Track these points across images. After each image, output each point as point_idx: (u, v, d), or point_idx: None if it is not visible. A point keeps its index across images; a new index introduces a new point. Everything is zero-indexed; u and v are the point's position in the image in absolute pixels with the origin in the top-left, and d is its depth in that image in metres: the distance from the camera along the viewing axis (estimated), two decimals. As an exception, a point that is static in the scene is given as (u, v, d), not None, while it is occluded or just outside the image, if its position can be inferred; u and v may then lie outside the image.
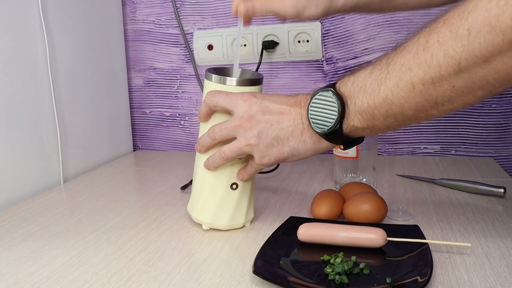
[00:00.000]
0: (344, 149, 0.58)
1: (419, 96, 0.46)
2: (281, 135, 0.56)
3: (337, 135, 0.54)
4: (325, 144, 0.56)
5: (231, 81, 0.61)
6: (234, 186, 0.62)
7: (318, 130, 0.54)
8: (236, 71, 0.65)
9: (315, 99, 0.54)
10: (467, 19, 0.41)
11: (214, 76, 0.61)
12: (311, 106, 0.54)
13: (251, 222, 0.66)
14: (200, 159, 0.63)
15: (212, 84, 0.61)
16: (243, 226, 0.65)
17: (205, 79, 0.63)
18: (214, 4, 1.11)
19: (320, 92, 0.54)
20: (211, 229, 0.64)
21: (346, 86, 0.52)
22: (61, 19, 0.91)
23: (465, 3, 0.42)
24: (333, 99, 0.52)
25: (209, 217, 0.62)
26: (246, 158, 0.62)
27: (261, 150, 0.57)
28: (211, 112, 0.62)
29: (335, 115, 0.52)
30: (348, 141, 0.56)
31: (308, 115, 0.55)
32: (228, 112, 0.59)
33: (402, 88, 0.47)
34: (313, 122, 0.54)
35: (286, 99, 0.58)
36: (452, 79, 0.43)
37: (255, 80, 0.62)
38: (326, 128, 0.53)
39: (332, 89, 0.53)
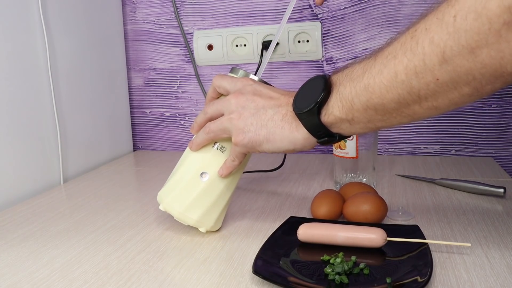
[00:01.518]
0: (320, 144, 0.55)
1: (401, 87, 0.44)
2: (262, 116, 0.56)
3: (315, 122, 0.52)
4: (302, 134, 0.54)
5: (254, 78, 0.62)
6: (204, 176, 0.60)
7: (296, 110, 0.53)
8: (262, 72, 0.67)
9: (305, 84, 0.55)
10: (454, 5, 0.39)
11: (241, 71, 0.63)
12: (299, 91, 0.55)
13: (224, 236, 0.62)
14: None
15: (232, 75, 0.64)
16: (214, 237, 0.61)
17: (229, 74, 0.64)
18: (214, 4, 1.11)
19: (312, 78, 0.54)
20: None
21: (337, 75, 0.52)
22: (61, 19, 0.91)
23: None
24: (320, 82, 0.52)
25: (169, 198, 0.61)
26: (228, 153, 0.61)
27: (238, 126, 0.57)
28: (216, 96, 0.63)
29: (317, 97, 0.51)
30: (326, 134, 0.53)
31: (294, 100, 0.55)
32: None
33: (385, 75, 0.45)
34: (294, 103, 0.54)
35: (282, 90, 0.59)
36: (436, 70, 0.41)
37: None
38: (304, 108, 0.52)
39: (324, 75, 0.53)
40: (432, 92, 0.43)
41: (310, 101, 0.52)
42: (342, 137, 0.55)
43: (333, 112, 0.51)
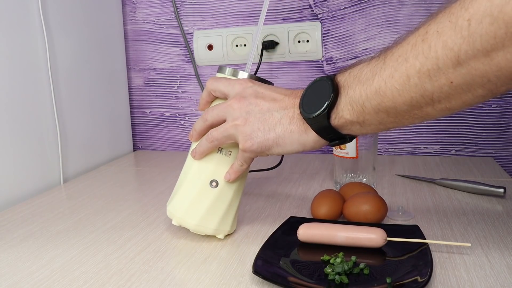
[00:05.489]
0: (330, 145, 0.55)
1: (414, 90, 0.44)
2: (268, 120, 0.55)
3: (324, 126, 0.51)
4: (311, 137, 0.53)
5: (243, 74, 0.61)
6: (214, 184, 0.59)
7: (304, 115, 0.52)
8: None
9: (310, 85, 0.54)
10: (467, 8, 0.38)
11: (228, 69, 0.62)
12: (305, 93, 0.54)
13: (226, 236, 0.61)
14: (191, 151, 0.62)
15: (223, 76, 0.62)
16: (214, 237, 0.60)
17: (217, 73, 0.63)
18: (214, 4, 1.11)
19: (317, 80, 0.53)
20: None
21: (343, 76, 0.51)
22: (61, 19, 0.91)
23: None
24: (328, 85, 0.51)
25: (181, 212, 0.59)
26: (234, 157, 0.60)
27: (245, 133, 0.55)
28: (211, 100, 0.62)
29: (325, 101, 0.50)
30: (336, 136, 0.53)
31: (300, 102, 0.53)
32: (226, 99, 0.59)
33: (396, 79, 0.44)
34: (302, 107, 0.53)
35: (283, 89, 0.58)
36: (450, 73, 0.41)
37: (265, 81, 0.61)
38: (313, 113, 0.51)
39: (329, 77, 0.52)
40: (445, 94, 0.42)
41: (319, 106, 0.51)
42: (353, 137, 0.54)
43: (343, 116, 0.50)
